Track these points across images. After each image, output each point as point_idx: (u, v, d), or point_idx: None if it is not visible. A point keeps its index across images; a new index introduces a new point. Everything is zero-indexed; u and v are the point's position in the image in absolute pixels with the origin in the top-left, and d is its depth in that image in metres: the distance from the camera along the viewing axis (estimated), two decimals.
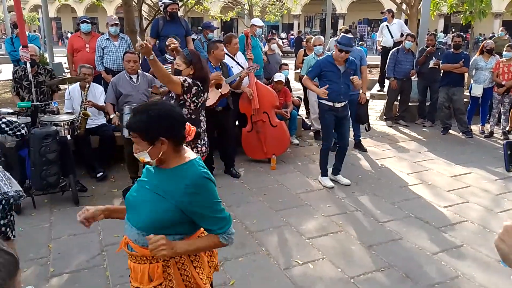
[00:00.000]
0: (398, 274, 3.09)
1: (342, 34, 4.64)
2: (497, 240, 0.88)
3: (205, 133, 3.59)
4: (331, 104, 4.52)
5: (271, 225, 3.83)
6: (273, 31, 26.15)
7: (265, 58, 6.98)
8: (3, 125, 2.76)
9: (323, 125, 4.79)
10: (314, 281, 3.00)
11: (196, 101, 3.38)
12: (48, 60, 10.82)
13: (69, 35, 27.91)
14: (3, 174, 2.61)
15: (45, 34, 11.99)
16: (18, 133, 2.84)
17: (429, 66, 7.11)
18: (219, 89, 4.53)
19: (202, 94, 3.40)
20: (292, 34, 30.84)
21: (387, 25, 9.00)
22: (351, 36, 4.71)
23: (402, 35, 8.49)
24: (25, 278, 2.99)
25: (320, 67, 4.50)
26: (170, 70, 5.13)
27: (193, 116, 3.40)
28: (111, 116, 4.70)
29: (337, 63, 4.46)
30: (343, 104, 4.58)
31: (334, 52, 4.46)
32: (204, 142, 3.52)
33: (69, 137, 4.24)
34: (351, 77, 4.51)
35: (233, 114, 5.30)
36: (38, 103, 4.55)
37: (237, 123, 5.70)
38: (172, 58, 5.24)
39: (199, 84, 3.34)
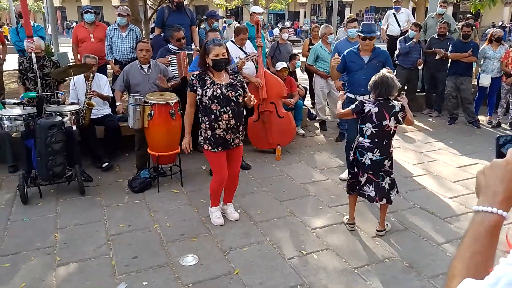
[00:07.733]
0: (402, 265, 3.09)
1: (363, 22, 4.50)
2: (479, 171, 0.88)
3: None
4: (352, 96, 4.34)
5: (276, 215, 3.84)
6: (279, 20, 25.90)
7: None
8: None
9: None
10: (318, 271, 3.01)
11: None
12: (53, 50, 10.82)
13: (73, 24, 27.84)
14: None
15: (50, 24, 11.98)
16: None
17: (436, 58, 7.02)
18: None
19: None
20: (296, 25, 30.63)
21: (394, 14, 8.87)
22: (372, 22, 4.61)
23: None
24: (32, 267, 3.03)
25: (344, 58, 4.35)
26: (175, 60, 5.13)
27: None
28: (117, 104, 4.66)
29: (362, 54, 4.31)
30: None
31: (359, 42, 4.33)
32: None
33: (74, 128, 4.26)
34: (384, 69, 4.34)
35: None
36: (43, 93, 4.56)
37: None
38: (176, 48, 5.22)
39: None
